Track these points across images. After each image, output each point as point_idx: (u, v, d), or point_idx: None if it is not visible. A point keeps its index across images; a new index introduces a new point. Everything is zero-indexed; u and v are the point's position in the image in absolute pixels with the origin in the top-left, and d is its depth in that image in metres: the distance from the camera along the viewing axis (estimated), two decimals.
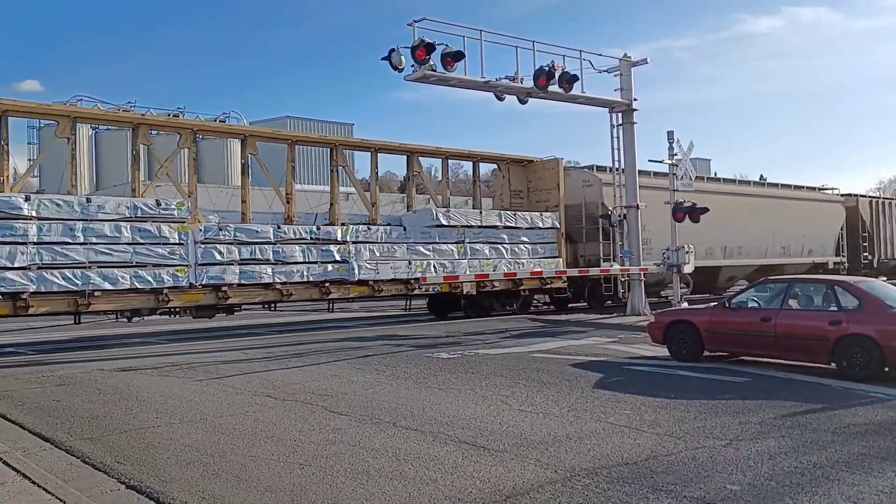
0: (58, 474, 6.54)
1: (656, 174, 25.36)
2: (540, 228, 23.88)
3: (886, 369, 10.79)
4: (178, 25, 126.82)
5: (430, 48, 16.56)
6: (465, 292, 21.76)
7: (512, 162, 25.64)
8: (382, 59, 16.48)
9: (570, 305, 25.76)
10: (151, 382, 11.38)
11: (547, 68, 18.58)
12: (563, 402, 9.40)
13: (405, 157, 22.86)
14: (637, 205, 21.86)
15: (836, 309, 11.52)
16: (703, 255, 23.99)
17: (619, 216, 22.10)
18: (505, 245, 22.90)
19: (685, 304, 19.46)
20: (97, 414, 9.12)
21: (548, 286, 23.96)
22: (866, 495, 5.72)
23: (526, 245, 23.41)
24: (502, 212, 23.67)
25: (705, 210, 21.93)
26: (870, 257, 34.60)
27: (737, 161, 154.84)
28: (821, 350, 11.33)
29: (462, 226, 22.11)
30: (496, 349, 14.86)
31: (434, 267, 20.97)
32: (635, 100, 21.72)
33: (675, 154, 21.45)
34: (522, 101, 19.45)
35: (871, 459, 6.71)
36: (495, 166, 26.50)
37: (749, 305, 12.80)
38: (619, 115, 21.88)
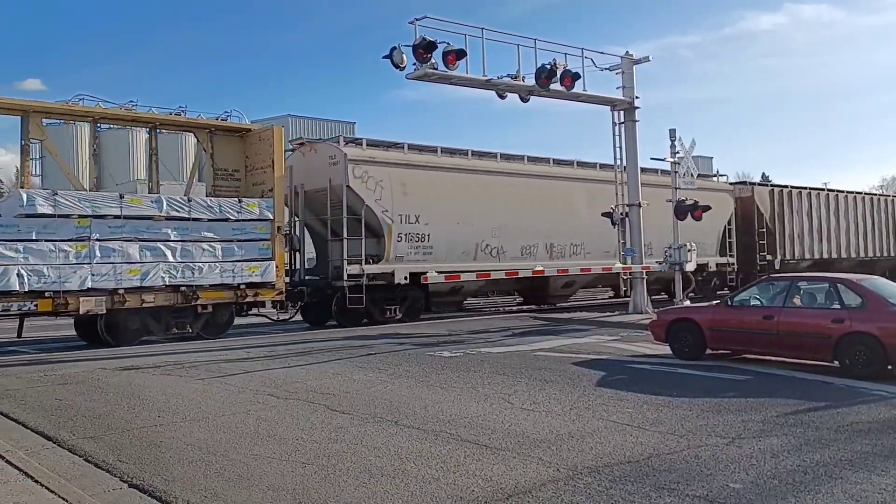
0: (60, 473, 6.54)
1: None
2: (237, 220, 17.61)
3: (890, 367, 10.77)
4: (180, 25, 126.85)
5: (431, 46, 16.55)
6: (83, 311, 15.57)
7: (218, 131, 18.93)
8: (384, 57, 16.47)
9: (328, 323, 20.33)
10: (154, 381, 11.38)
11: (549, 66, 18.55)
12: (566, 401, 9.39)
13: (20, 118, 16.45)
14: (639, 203, 21.82)
15: (838, 307, 11.51)
16: (471, 255, 20.65)
17: (621, 214, 22.04)
18: (170, 243, 16.61)
19: (687, 303, 19.45)
20: (99, 413, 9.12)
21: (248, 299, 17.87)
22: (869, 493, 5.72)
23: (213, 243, 17.19)
24: (164, 197, 16.98)
25: (707, 208, 21.93)
26: (769, 258, 29.26)
27: (739, 159, 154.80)
28: (824, 348, 11.32)
29: (85, 216, 15.70)
30: (498, 347, 14.86)
31: (22, 275, 14.68)
32: (637, 98, 21.70)
33: (677, 152, 21.46)
34: (524, 100, 19.43)
35: (874, 457, 6.71)
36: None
37: (751, 303, 12.81)
38: (621, 113, 21.84)
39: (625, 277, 22.74)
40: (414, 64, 16.66)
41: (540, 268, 21.36)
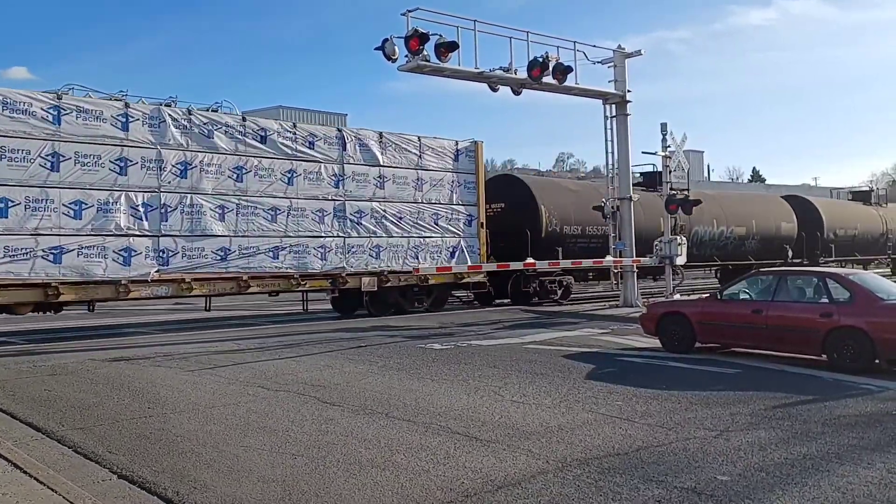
0: (49, 464, 6.53)
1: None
2: None
3: (877, 361, 10.86)
4: (173, 16, 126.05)
5: (423, 38, 16.50)
6: None
7: None
8: (376, 48, 16.43)
9: None
10: (144, 372, 11.35)
11: (541, 59, 18.57)
12: (556, 394, 9.43)
13: None
14: (630, 197, 21.87)
15: (827, 301, 11.58)
16: None
17: (612, 208, 22.08)
18: None
19: (677, 296, 19.53)
20: (89, 404, 9.10)
21: None
22: (856, 486, 5.76)
23: None
24: None
25: (698, 202, 21.99)
26: None
27: (731, 155, 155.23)
28: (812, 342, 11.39)
29: None
30: (489, 340, 14.88)
31: None
32: (629, 91, 21.70)
33: (668, 146, 21.52)
34: (516, 92, 19.43)
35: (861, 451, 6.76)
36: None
37: (740, 297, 12.86)
38: (613, 106, 21.86)
39: (615, 271, 22.78)
40: (406, 56, 16.63)
41: (531, 260, 21.33)
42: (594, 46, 21.02)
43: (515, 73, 18.61)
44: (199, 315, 20.50)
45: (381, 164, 20.32)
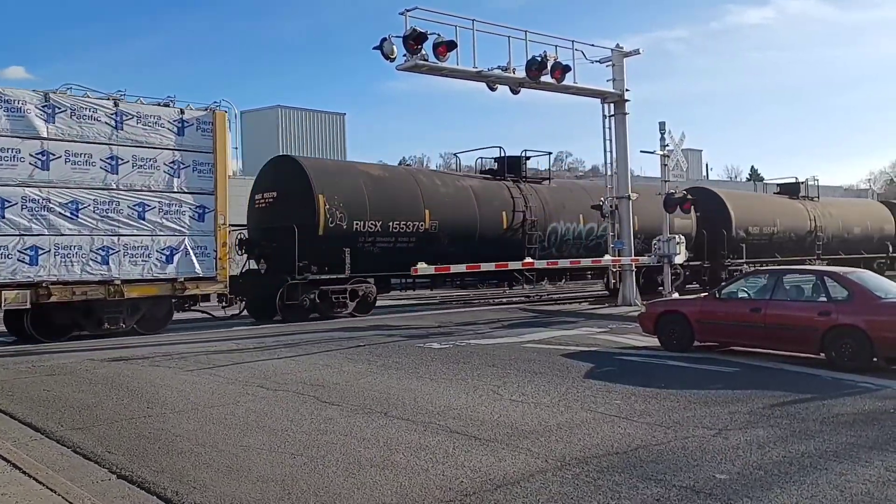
0: (48, 464, 6.52)
1: None
2: None
3: (875, 359, 10.87)
4: (173, 15, 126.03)
5: (422, 38, 16.51)
6: None
7: None
8: (374, 48, 16.44)
9: None
10: (143, 372, 11.35)
11: (539, 59, 18.58)
12: (554, 392, 9.43)
13: None
14: (629, 195, 21.87)
15: (825, 300, 11.59)
16: None
17: (611, 206, 22.08)
18: None
19: (676, 295, 19.54)
20: (88, 404, 9.10)
21: None
22: (853, 484, 5.77)
23: None
24: None
25: (695, 201, 22.01)
26: None
27: (730, 153, 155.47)
28: (810, 340, 11.40)
29: None
30: (488, 339, 14.88)
31: None
32: (627, 90, 21.72)
33: (667, 145, 21.54)
34: (515, 92, 19.44)
35: (858, 449, 6.77)
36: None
37: (739, 296, 12.87)
38: (612, 105, 21.86)
39: (614, 270, 22.78)
40: (404, 55, 16.63)
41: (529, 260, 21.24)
42: (592, 46, 21.05)
43: (514, 73, 18.62)
44: (197, 315, 20.45)
45: (46, 135, 14.99)
